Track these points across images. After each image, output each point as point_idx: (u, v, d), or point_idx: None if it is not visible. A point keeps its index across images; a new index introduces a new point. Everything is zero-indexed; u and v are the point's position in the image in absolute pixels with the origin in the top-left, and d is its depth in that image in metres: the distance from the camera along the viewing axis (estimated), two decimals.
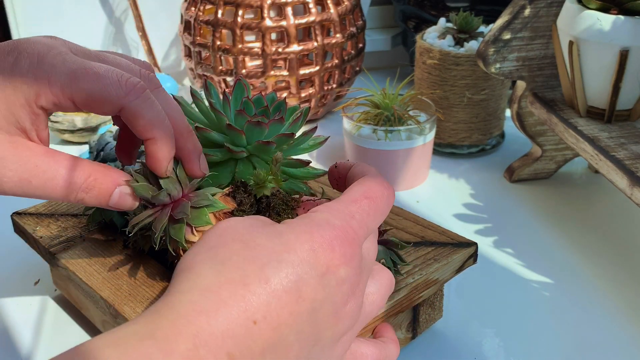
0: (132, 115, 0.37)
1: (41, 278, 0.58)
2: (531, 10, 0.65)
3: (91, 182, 0.38)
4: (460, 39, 0.77)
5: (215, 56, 0.82)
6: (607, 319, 0.53)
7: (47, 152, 0.37)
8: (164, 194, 0.40)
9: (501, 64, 0.67)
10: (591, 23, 0.58)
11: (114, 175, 0.39)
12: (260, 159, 0.47)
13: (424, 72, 0.77)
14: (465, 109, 0.76)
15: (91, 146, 0.67)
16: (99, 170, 0.38)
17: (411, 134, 0.70)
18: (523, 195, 0.71)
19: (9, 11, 0.90)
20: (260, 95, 0.48)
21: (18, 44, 0.37)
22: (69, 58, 0.36)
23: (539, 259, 0.61)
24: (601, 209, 0.69)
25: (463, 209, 0.69)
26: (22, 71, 0.35)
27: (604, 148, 0.57)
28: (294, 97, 0.83)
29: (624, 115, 0.61)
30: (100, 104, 0.36)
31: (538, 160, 0.72)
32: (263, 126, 0.45)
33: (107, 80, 0.36)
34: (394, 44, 1.04)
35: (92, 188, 0.38)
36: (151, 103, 0.38)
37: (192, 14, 0.83)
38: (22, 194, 0.37)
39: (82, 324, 0.53)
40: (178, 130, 0.40)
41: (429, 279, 0.46)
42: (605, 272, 0.59)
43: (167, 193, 0.40)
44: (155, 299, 0.44)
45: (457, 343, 0.51)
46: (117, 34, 0.97)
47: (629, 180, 0.53)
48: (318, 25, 0.81)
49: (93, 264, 0.47)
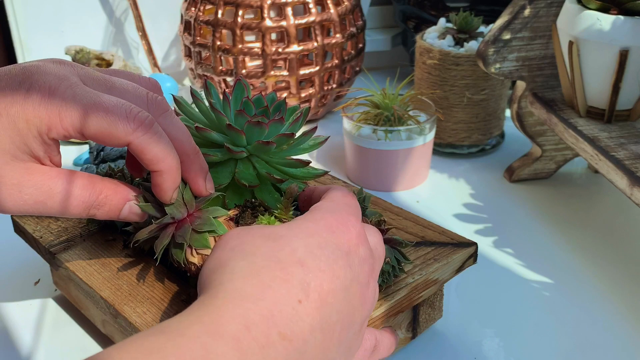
0: (140, 150, 0.38)
1: (41, 278, 0.58)
2: (531, 10, 0.65)
3: (102, 199, 0.40)
4: (460, 39, 0.77)
5: (215, 56, 0.82)
6: (607, 319, 0.53)
7: (59, 173, 0.39)
8: (167, 218, 0.41)
9: (501, 64, 0.67)
10: (591, 23, 0.58)
11: (123, 192, 0.41)
12: (260, 159, 0.48)
13: (424, 72, 0.77)
14: (465, 109, 0.76)
15: (91, 146, 0.67)
16: (109, 187, 0.40)
17: (411, 134, 0.70)
18: (523, 195, 0.71)
19: (9, 11, 0.90)
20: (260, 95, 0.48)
21: (30, 73, 0.37)
22: (79, 91, 0.37)
23: (539, 259, 0.61)
24: (601, 209, 0.69)
25: (463, 209, 0.69)
26: (34, 104, 0.37)
27: (603, 148, 0.57)
28: (294, 97, 0.83)
29: (624, 115, 0.61)
30: (108, 138, 0.38)
31: (538, 160, 0.72)
32: (263, 126, 0.45)
33: (116, 116, 0.37)
34: (394, 44, 1.04)
35: (104, 205, 0.40)
36: (158, 137, 0.39)
37: (192, 14, 0.83)
38: (39, 213, 0.39)
39: (82, 324, 0.53)
40: (185, 152, 0.41)
41: (429, 279, 0.46)
42: (605, 272, 0.59)
43: (171, 217, 0.41)
44: (156, 298, 0.44)
45: (457, 343, 0.51)
46: (117, 34, 0.97)
47: (629, 180, 0.53)
48: (318, 26, 0.81)
49: (93, 264, 0.47)
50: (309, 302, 0.32)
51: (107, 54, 0.86)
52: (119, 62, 0.84)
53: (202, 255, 0.41)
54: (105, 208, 0.40)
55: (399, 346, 0.49)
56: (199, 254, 0.41)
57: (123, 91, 0.40)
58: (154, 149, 0.38)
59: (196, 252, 0.41)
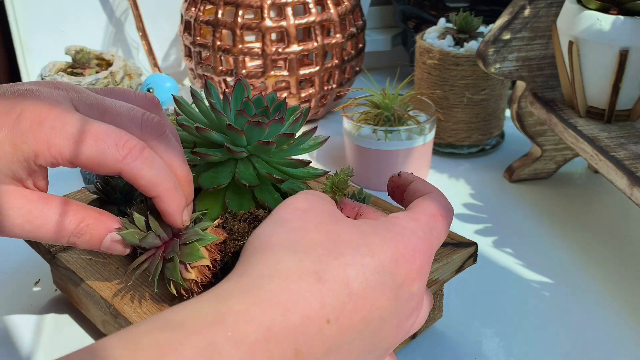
0: (133, 177, 0.38)
1: (41, 278, 0.58)
2: (531, 10, 0.65)
3: (83, 227, 0.39)
4: (460, 39, 0.77)
5: (215, 56, 0.82)
6: (607, 319, 0.53)
7: (41, 198, 0.38)
8: (152, 236, 0.40)
9: (501, 64, 0.67)
10: (591, 23, 0.58)
11: (106, 222, 0.40)
12: (260, 159, 0.48)
13: (424, 72, 0.77)
14: (465, 109, 0.76)
15: None
16: (92, 216, 0.39)
17: (411, 134, 0.70)
18: (523, 195, 0.71)
19: (9, 11, 0.90)
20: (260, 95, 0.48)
21: (22, 98, 0.37)
22: (69, 119, 0.37)
23: (539, 259, 0.61)
24: (601, 209, 0.69)
25: (463, 209, 0.69)
26: (22, 130, 0.36)
27: (603, 148, 0.57)
28: (294, 97, 0.83)
29: (624, 115, 0.61)
30: (98, 167, 0.37)
31: (538, 160, 0.72)
32: (263, 126, 0.45)
33: (105, 144, 0.37)
34: (394, 44, 1.04)
35: (84, 233, 0.39)
36: (151, 162, 0.38)
37: (192, 14, 0.83)
38: (19, 237, 0.38)
39: (82, 324, 0.53)
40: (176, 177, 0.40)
41: (429, 279, 0.46)
42: (605, 272, 0.59)
43: (157, 235, 0.40)
44: (156, 298, 0.44)
45: (457, 343, 0.51)
46: (117, 34, 0.97)
47: (629, 180, 0.53)
48: (318, 26, 0.81)
49: (93, 264, 0.47)
50: (337, 325, 0.30)
51: (107, 54, 0.86)
52: (119, 62, 0.84)
53: (198, 269, 0.40)
54: (85, 237, 0.39)
55: (399, 346, 0.49)
56: (194, 268, 0.40)
57: (117, 114, 0.39)
58: (146, 175, 0.38)
59: (190, 267, 0.40)
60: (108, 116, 0.39)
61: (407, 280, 0.33)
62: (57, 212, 0.38)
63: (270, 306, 0.29)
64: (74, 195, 0.56)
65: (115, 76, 0.82)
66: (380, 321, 0.32)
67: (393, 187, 0.41)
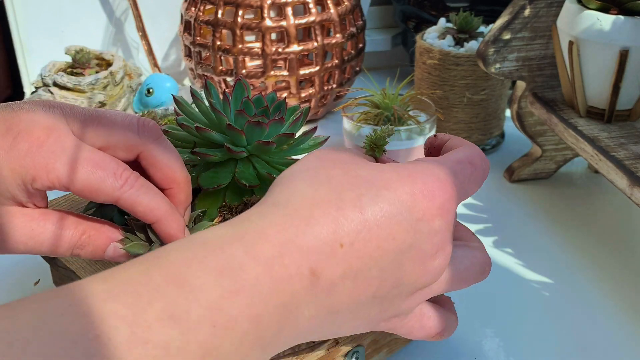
0: (130, 204, 0.38)
1: (41, 278, 0.58)
2: (531, 10, 0.65)
3: (85, 239, 0.40)
4: (460, 39, 0.77)
5: (215, 56, 0.82)
6: (607, 319, 0.53)
7: (41, 214, 0.39)
8: (156, 247, 0.40)
9: (501, 64, 0.67)
10: (591, 23, 0.58)
11: (108, 232, 0.41)
12: (260, 159, 0.48)
13: (424, 72, 0.77)
14: (465, 109, 0.76)
15: None
16: (93, 227, 0.40)
17: (411, 134, 0.70)
18: (523, 195, 0.71)
19: (9, 12, 0.90)
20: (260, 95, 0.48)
21: (18, 120, 0.37)
22: (68, 144, 0.37)
23: (539, 259, 0.61)
24: (601, 209, 0.69)
25: (463, 209, 0.69)
26: (20, 154, 0.36)
27: (603, 148, 0.57)
28: (294, 97, 0.83)
29: (624, 115, 0.61)
30: (95, 194, 0.38)
31: (538, 160, 0.72)
32: (263, 126, 0.45)
33: (105, 172, 0.37)
34: (394, 44, 1.04)
35: (87, 245, 0.40)
36: (146, 189, 0.39)
37: (192, 14, 0.83)
38: (22, 253, 0.39)
39: None
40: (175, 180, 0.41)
41: None
42: (605, 272, 0.59)
43: (161, 244, 0.41)
44: None
45: (457, 343, 0.51)
46: (117, 34, 0.97)
47: (629, 180, 0.53)
48: (318, 26, 0.81)
49: (93, 264, 0.47)
50: (350, 250, 0.31)
51: (107, 54, 0.86)
52: (119, 62, 0.84)
53: None
54: (89, 248, 0.40)
55: (399, 346, 0.49)
56: None
57: (112, 122, 0.40)
58: (144, 201, 0.39)
59: None
60: (104, 124, 0.40)
61: (427, 216, 0.34)
62: (59, 227, 0.39)
63: (284, 228, 0.31)
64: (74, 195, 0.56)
65: (115, 76, 0.82)
66: (398, 252, 0.33)
67: (430, 147, 0.42)
